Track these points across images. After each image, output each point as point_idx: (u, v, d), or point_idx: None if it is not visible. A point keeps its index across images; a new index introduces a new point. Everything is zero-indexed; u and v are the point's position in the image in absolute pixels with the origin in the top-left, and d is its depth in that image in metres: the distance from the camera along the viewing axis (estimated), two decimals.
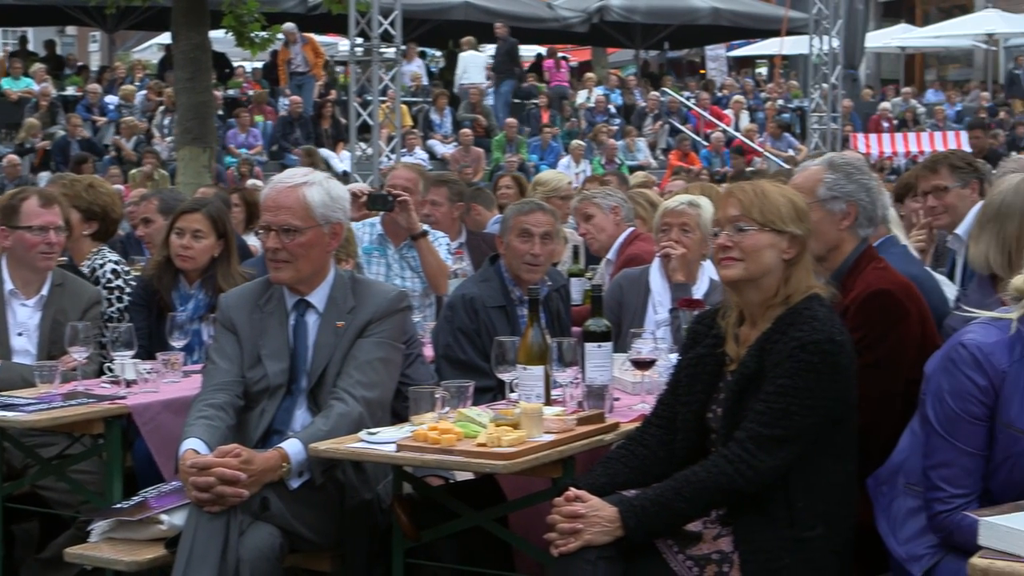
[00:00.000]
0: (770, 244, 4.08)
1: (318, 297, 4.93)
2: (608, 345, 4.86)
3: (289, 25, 23.65)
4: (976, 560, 3.13)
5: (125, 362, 5.51)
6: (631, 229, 7.78)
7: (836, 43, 21.11)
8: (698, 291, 6.14)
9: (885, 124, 26.98)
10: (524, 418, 4.33)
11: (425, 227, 7.57)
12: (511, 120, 23.66)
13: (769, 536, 3.94)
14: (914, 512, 3.91)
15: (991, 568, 3.11)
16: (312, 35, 25.74)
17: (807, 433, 3.94)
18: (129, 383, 5.45)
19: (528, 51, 33.11)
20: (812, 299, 4.07)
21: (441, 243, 7.63)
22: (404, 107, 22.26)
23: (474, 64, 26.45)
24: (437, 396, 4.49)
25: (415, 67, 25.96)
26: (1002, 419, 3.67)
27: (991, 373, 3.66)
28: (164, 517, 4.67)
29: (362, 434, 4.48)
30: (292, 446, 4.55)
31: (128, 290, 6.61)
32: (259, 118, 23.43)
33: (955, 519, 3.69)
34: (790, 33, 26.80)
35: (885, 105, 28.44)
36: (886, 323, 4.41)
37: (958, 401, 3.69)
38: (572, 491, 3.98)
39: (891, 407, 4.34)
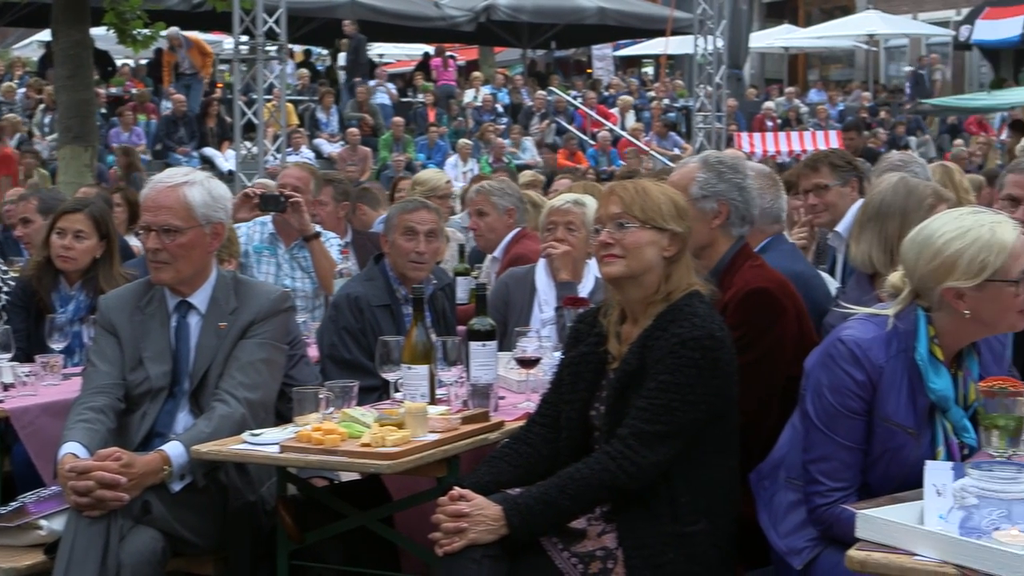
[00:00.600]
0: (651, 241, 4.12)
1: (200, 298, 4.87)
2: (493, 344, 4.86)
3: (173, 30, 23.31)
4: (853, 552, 3.17)
5: (3, 365, 5.42)
6: (518, 228, 7.79)
7: (720, 43, 21.33)
8: (584, 289, 6.15)
9: (769, 123, 27.30)
10: (408, 417, 4.32)
11: (317, 228, 7.54)
12: (398, 119, 23.60)
13: (652, 531, 3.97)
14: (795, 506, 3.96)
15: (868, 560, 3.15)
16: (196, 32, 25.45)
17: (689, 429, 3.97)
18: (7, 386, 5.35)
19: (415, 50, 33.08)
20: (693, 296, 4.11)
21: (333, 244, 7.61)
22: (290, 105, 22.11)
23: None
24: (321, 396, 4.46)
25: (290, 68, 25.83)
26: (880, 413, 3.74)
27: (869, 368, 3.73)
28: (43, 522, 4.60)
29: (245, 436, 4.44)
30: (174, 448, 4.50)
31: (6, 291, 6.49)
32: (142, 117, 23.12)
33: (835, 512, 3.74)
34: (675, 33, 26.98)
35: (769, 104, 28.80)
36: (764, 320, 4.46)
37: (837, 396, 3.75)
38: (456, 490, 3.98)
39: (771, 403, 4.40)
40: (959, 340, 3.78)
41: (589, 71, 36.06)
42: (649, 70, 36.85)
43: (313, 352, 5.94)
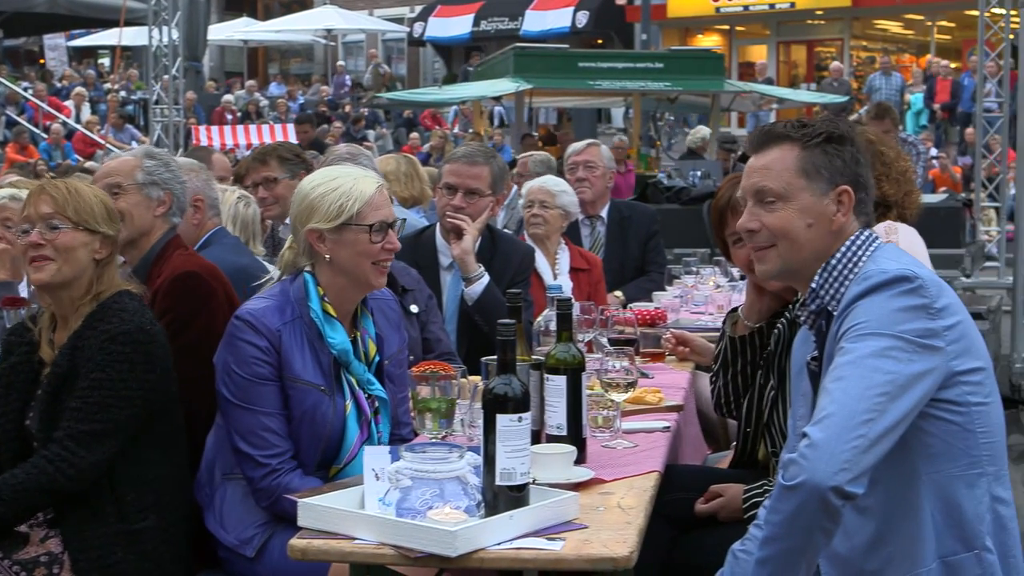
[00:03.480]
0: (83, 243, 4.04)
1: None
2: None
3: None
4: (295, 541, 3.20)
5: None
6: None
7: (176, 35, 21.03)
8: (24, 288, 5.92)
9: (229, 116, 27.32)
10: None
11: None
12: None
13: (99, 532, 3.90)
14: (239, 498, 4.00)
15: (309, 547, 3.19)
16: None
17: (126, 425, 3.92)
18: None
19: None
20: (122, 294, 4.07)
21: None
22: None
23: None
24: None
25: None
26: (289, 375, 3.92)
27: (267, 334, 3.91)
28: None
29: None
30: None
31: None
32: None
33: (278, 482, 3.86)
34: (130, 23, 26.44)
35: (229, 98, 28.84)
36: (195, 303, 4.45)
37: (244, 367, 3.90)
38: None
39: (209, 389, 4.37)
40: (344, 297, 4.04)
41: (42, 61, 34.80)
42: (106, 61, 35.99)
43: None
